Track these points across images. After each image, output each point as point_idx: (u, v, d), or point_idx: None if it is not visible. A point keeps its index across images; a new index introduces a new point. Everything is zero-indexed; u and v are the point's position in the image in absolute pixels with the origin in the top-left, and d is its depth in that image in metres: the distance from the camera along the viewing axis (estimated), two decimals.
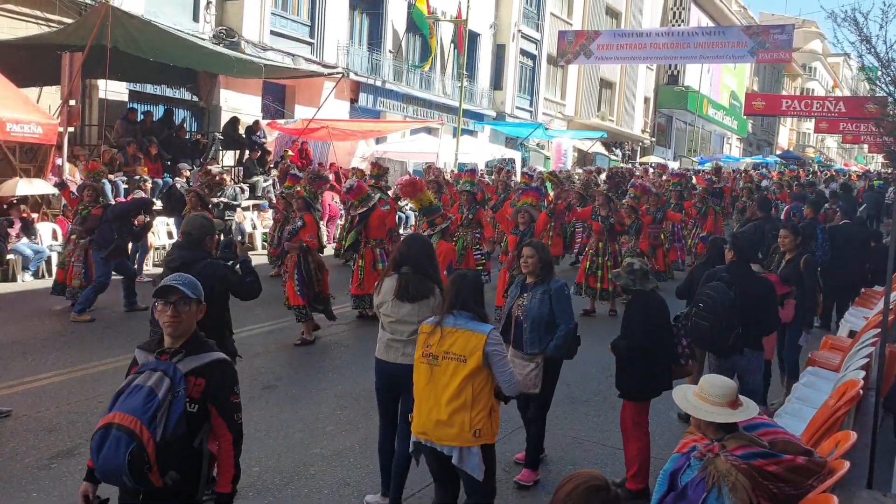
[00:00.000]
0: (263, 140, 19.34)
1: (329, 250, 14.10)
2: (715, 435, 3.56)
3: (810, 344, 8.32)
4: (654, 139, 49.81)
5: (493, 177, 19.78)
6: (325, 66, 22.49)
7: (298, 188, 11.18)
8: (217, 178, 10.89)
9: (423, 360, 4.27)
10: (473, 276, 4.54)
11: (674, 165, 39.54)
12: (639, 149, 47.53)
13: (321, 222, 11.72)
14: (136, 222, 10.51)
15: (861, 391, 4.94)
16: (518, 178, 19.56)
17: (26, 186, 12.84)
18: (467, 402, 4.13)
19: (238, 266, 5.57)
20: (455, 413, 4.13)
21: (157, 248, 13.91)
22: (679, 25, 45.75)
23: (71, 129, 14.12)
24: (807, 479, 3.45)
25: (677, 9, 48.84)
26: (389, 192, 12.82)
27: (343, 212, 15.49)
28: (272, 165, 18.84)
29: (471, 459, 4.21)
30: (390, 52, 26.69)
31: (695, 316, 5.90)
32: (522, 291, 5.67)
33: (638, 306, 5.53)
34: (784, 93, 62.88)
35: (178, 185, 13.26)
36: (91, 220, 10.13)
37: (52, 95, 15.01)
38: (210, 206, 11.38)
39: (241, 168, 18.74)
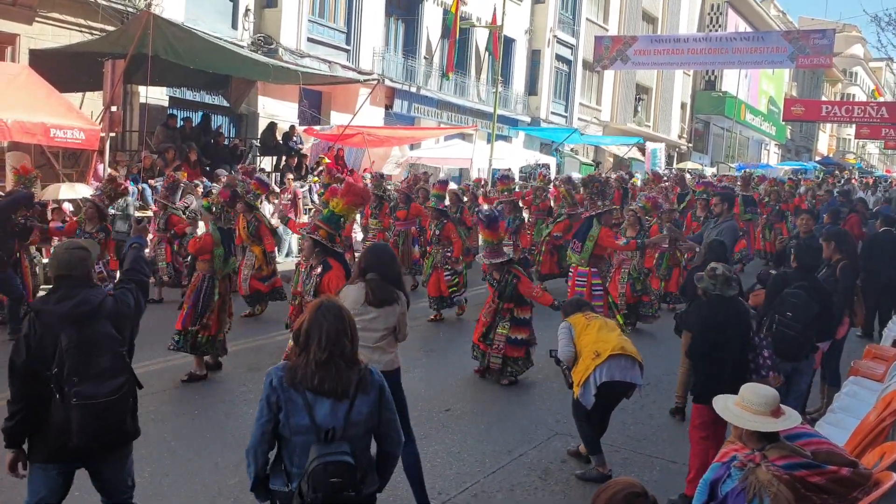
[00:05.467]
0: (300, 146, 19.54)
1: None
2: (756, 444, 3.51)
3: (852, 352, 8.18)
4: (690, 145, 49.33)
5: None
6: (360, 72, 22.63)
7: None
8: (121, 187, 9.56)
9: (595, 317, 6.03)
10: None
11: (711, 171, 39.10)
12: (675, 154, 47.10)
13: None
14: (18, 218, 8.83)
15: None
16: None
17: (68, 191, 13.07)
18: (627, 338, 6.00)
19: (126, 249, 4.59)
20: (627, 341, 5.85)
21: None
22: (716, 31, 45.30)
23: (112, 135, 14.35)
24: (851, 490, 3.38)
25: (714, 14, 48.37)
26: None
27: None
28: (309, 171, 19.02)
29: (640, 375, 5.82)
30: (425, 58, 26.77)
31: (778, 324, 5.97)
32: None
33: (706, 311, 5.53)
34: (824, 98, 61.93)
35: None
36: None
37: (94, 102, 15.28)
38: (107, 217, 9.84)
39: (278, 174, 18.93)
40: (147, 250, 11.02)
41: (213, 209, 8.12)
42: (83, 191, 13.35)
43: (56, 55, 14.54)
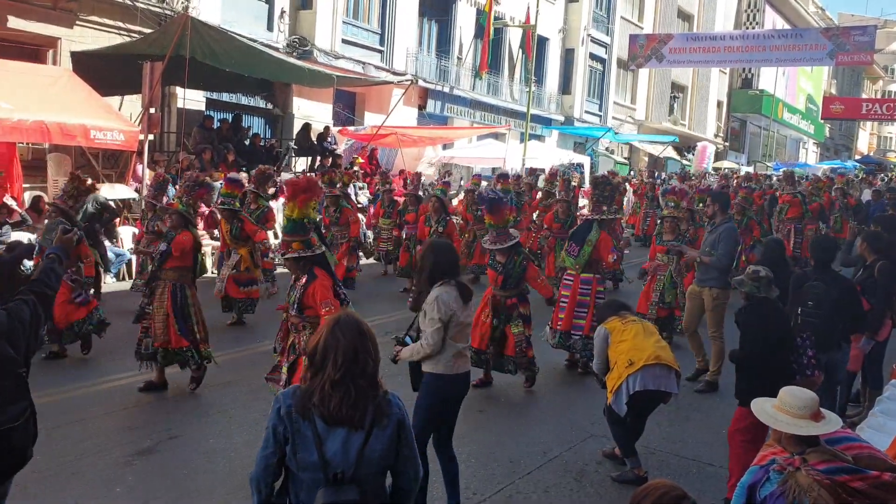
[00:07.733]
0: (334, 146, 19.68)
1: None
2: (796, 448, 3.46)
3: (895, 355, 8.03)
4: (727, 144, 48.77)
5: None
6: (394, 73, 22.74)
7: (174, 201, 8.12)
8: (85, 184, 8.72)
9: (632, 321, 5.85)
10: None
11: (747, 171, 38.61)
12: (712, 154, 46.60)
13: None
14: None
15: None
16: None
17: (108, 191, 13.29)
18: (665, 345, 5.93)
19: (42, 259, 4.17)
20: (664, 349, 5.75)
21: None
22: (753, 28, 44.73)
23: (151, 137, 14.57)
24: (894, 496, 3.33)
25: (751, 11, 47.77)
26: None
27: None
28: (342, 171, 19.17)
29: (677, 384, 5.77)
30: (458, 58, 26.80)
31: (802, 315, 6.12)
32: None
33: (756, 314, 5.48)
34: (864, 95, 60.86)
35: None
36: None
37: (133, 104, 15.54)
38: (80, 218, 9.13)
39: (313, 174, 19.10)
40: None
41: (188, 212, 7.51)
42: (123, 191, 13.61)
43: (96, 58, 14.79)
